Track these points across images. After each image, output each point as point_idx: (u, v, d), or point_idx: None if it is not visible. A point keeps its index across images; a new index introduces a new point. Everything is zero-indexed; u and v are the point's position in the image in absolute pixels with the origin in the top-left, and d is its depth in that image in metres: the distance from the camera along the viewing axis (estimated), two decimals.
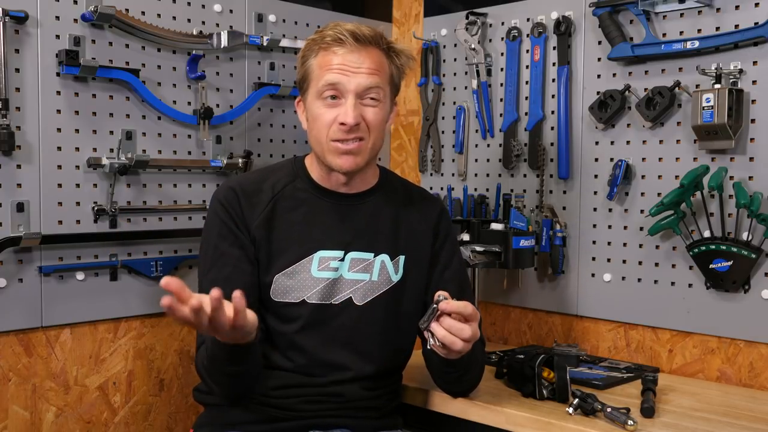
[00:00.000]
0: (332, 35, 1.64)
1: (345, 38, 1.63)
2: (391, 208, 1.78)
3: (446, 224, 1.85)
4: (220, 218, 1.69)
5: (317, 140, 1.68)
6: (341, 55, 1.63)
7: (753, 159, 1.94)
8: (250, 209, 1.70)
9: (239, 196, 1.70)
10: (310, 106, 1.69)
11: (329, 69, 1.63)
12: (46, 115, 1.94)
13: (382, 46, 1.68)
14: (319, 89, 1.65)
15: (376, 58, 1.66)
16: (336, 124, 1.63)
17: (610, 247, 2.21)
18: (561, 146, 2.27)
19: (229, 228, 1.69)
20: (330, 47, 1.65)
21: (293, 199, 1.73)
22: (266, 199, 1.72)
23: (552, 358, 1.79)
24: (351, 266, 1.72)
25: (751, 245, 1.93)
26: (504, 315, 2.47)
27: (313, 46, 1.68)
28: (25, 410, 1.94)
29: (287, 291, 1.68)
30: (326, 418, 1.69)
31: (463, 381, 1.75)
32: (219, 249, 1.68)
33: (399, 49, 1.71)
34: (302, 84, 1.71)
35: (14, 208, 1.89)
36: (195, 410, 2.20)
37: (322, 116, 1.65)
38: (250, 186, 1.73)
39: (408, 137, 2.70)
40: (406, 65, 1.73)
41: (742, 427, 1.64)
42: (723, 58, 1.98)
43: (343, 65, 1.63)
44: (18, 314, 1.91)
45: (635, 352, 2.17)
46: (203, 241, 1.73)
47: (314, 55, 1.67)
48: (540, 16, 2.33)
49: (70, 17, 1.96)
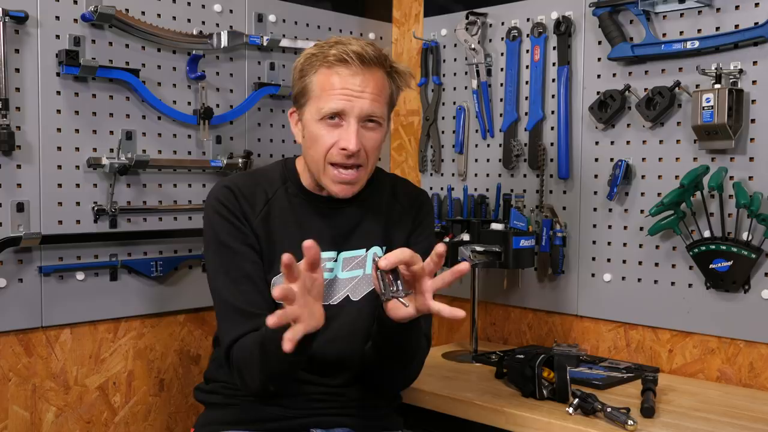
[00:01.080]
0: (336, 54, 1.60)
1: (351, 60, 1.59)
2: (379, 206, 1.78)
3: (425, 213, 1.83)
4: (223, 216, 1.68)
5: (314, 161, 1.66)
6: (344, 78, 1.60)
7: (753, 159, 1.94)
8: (250, 207, 1.69)
9: (236, 195, 1.69)
10: (308, 125, 1.65)
11: (332, 93, 1.60)
12: (46, 115, 1.94)
13: (386, 68, 1.65)
14: (321, 112, 1.61)
15: (379, 81, 1.63)
16: (336, 148, 1.61)
17: (610, 247, 2.21)
18: (561, 146, 2.27)
19: (235, 225, 1.67)
20: (333, 66, 1.60)
21: (286, 204, 1.72)
22: (261, 202, 1.71)
23: (552, 358, 1.79)
24: (344, 265, 1.72)
25: (751, 245, 1.93)
26: (504, 315, 2.47)
27: (314, 62, 1.63)
28: (25, 410, 1.94)
29: None
30: (328, 417, 1.69)
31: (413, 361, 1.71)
32: (231, 247, 1.66)
33: (401, 70, 1.68)
34: (299, 98, 1.67)
35: (14, 208, 1.89)
36: (195, 410, 2.20)
37: (322, 138, 1.62)
38: (245, 186, 1.72)
39: (408, 137, 2.70)
40: (405, 85, 1.71)
41: (742, 427, 1.64)
42: (723, 58, 1.98)
43: (346, 89, 1.59)
44: (18, 314, 1.91)
45: (635, 352, 2.17)
46: (210, 242, 1.70)
47: (314, 71, 1.63)
48: (540, 16, 2.33)
49: (70, 17, 1.96)
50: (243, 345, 1.61)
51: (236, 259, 1.66)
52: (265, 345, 1.52)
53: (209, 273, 1.72)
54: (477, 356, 2.19)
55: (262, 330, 1.51)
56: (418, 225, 1.81)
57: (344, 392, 1.70)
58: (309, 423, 1.67)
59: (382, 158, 2.70)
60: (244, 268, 1.65)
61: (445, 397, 1.84)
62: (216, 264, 1.69)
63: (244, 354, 1.60)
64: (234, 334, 1.63)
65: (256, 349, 1.56)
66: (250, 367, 1.60)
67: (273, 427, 1.67)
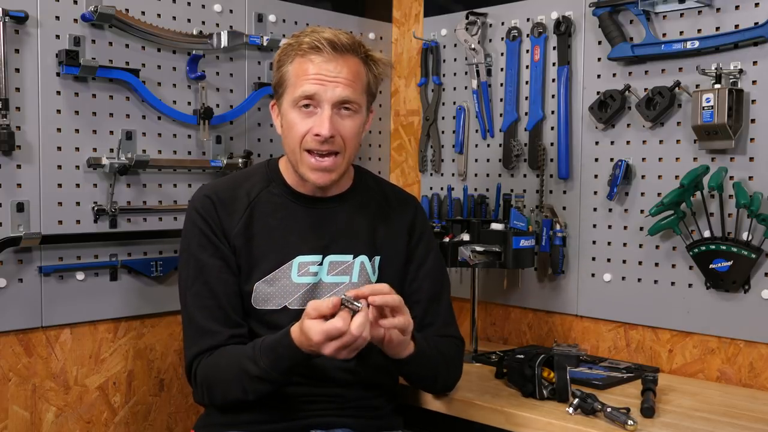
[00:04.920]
0: (309, 42, 1.62)
1: (322, 46, 1.61)
2: (367, 209, 1.78)
3: (421, 222, 1.85)
4: (199, 228, 1.69)
5: (291, 149, 1.67)
6: (318, 64, 1.62)
7: (753, 159, 1.94)
8: (228, 217, 1.69)
9: (216, 205, 1.69)
10: (285, 113, 1.68)
11: (306, 78, 1.62)
12: (46, 115, 1.94)
13: (360, 54, 1.66)
14: (295, 98, 1.63)
15: (353, 67, 1.64)
16: (311, 134, 1.63)
17: (610, 247, 2.21)
18: (561, 146, 2.27)
19: (208, 238, 1.68)
20: (306, 54, 1.63)
21: (269, 205, 1.72)
22: (242, 207, 1.71)
23: (552, 358, 1.79)
24: (330, 269, 1.71)
25: (751, 245, 1.93)
26: (504, 315, 2.47)
27: (289, 52, 1.66)
28: (25, 410, 1.94)
29: (268, 298, 1.68)
30: (328, 418, 1.69)
31: (437, 379, 1.78)
32: (200, 261, 1.67)
33: (377, 57, 1.70)
34: (278, 89, 1.70)
35: (14, 208, 1.89)
36: (195, 410, 2.20)
37: (297, 125, 1.64)
38: (225, 193, 1.72)
39: (408, 137, 2.70)
40: (384, 73, 1.73)
41: (742, 427, 1.64)
42: (723, 58, 1.98)
43: (319, 75, 1.61)
44: (18, 314, 1.91)
45: (635, 352, 2.17)
46: (182, 252, 1.72)
47: (290, 60, 1.65)
48: (540, 16, 2.33)
49: (70, 17, 1.96)
50: (214, 364, 1.63)
51: (203, 273, 1.67)
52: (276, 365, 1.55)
53: (179, 281, 1.73)
54: (477, 356, 2.19)
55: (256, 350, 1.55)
56: (419, 240, 1.82)
57: (344, 393, 1.70)
58: (309, 424, 1.67)
59: (382, 158, 2.71)
60: (210, 282, 1.66)
61: (444, 397, 1.84)
62: (184, 275, 1.71)
63: (215, 373, 1.62)
64: (195, 350, 1.66)
65: (243, 372, 1.57)
66: (223, 386, 1.62)
67: (273, 428, 1.67)
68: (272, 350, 1.54)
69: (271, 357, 1.54)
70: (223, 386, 1.62)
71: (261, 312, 1.68)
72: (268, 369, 1.54)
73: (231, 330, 1.65)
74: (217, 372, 1.62)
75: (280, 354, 1.53)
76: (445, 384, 1.81)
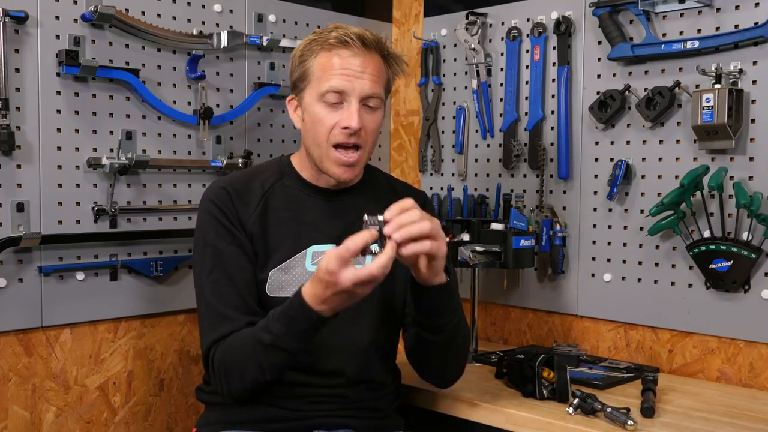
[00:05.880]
0: (338, 36, 1.64)
1: (352, 41, 1.63)
2: (378, 201, 1.78)
3: (429, 214, 1.84)
4: (215, 218, 1.69)
5: (316, 143, 1.68)
6: (346, 59, 1.63)
7: (753, 159, 1.94)
8: (243, 207, 1.70)
9: (231, 195, 1.70)
10: (308, 107, 1.68)
11: (333, 72, 1.63)
12: (46, 115, 1.94)
13: (383, 52, 1.69)
14: (321, 92, 1.64)
15: (377, 64, 1.67)
16: (338, 127, 1.64)
17: (610, 247, 2.21)
18: (561, 146, 2.27)
19: (225, 227, 1.69)
20: (333, 48, 1.64)
21: (283, 196, 1.74)
22: (257, 198, 1.72)
23: (552, 358, 1.79)
24: None
25: (751, 245, 1.93)
26: (504, 315, 2.47)
27: (313, 47, 1.67)
28: (25, 410, 1.94)
29: (282, 286, 1.69)
30: (330, 419, 1.69)
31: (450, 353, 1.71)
32: (218, 248, 1.68)
33: (396, 55, 1.72)
34: (299, 83, 1.70)
35: (14, 208, 1.89)
36: (195, 410, 2.20)
37: (324, 119, 1.65)
38: (240, 185, 1.73)
39: (408, 137, 2.70)
40: (400, 71, 1.74)
41: (742, 427, 1.64)
42: (723, 58, 1.98)
43: (347, 69, 1.63)
44: (18, 314, 1.91)
45: (635, 352, 2.17)
46: (198, 243, 1.72)
47: (314, 55, 1.66)
48: (540, 16, 2.33)
49: (70, 17, 1.96)
50: (229, 347, 1.62)
51: (221, 260, 1.67)
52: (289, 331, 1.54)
53: (195, 273, 1.73)
54: (477, 356, 2.19)
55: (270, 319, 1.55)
56: None
57: (346, 393, 1.70)
58: (311, 424, 1.67)
59: (382, 158, 2.71)
60: (228, 269, 1.66)
61: (445, 397, 1.84)
62: (200, 264, 1.71)
63: (231, 355, 1.61)
64: (213, 336, 1.65)
65: (257, 343, 1.56)
66: (240, 367, 1.60)
67: (275, 428, 1.67)
68: (284, 314, 1.54)
69: (284, 321, 1.53)
70: (240, 367, 1.60)
71: (275, 300, 1.68)
72: (281, 335, 1.53)
73: (248, 317, 1.64)
74: (232, 354, 1.61)
75: (293, 316, 1.53)
76: (455, 359, 1.74)
